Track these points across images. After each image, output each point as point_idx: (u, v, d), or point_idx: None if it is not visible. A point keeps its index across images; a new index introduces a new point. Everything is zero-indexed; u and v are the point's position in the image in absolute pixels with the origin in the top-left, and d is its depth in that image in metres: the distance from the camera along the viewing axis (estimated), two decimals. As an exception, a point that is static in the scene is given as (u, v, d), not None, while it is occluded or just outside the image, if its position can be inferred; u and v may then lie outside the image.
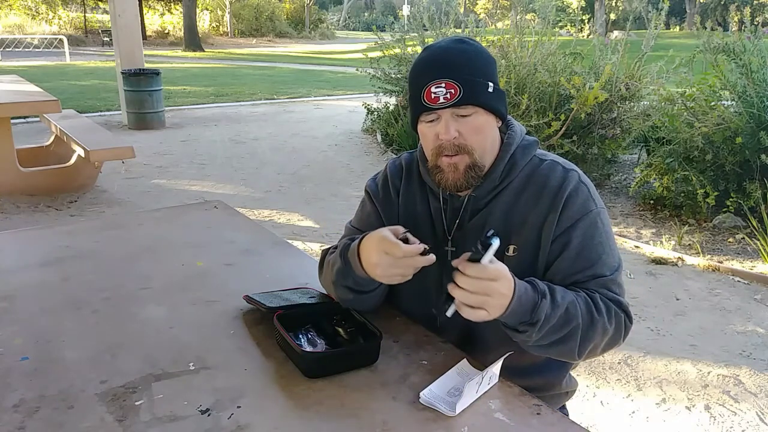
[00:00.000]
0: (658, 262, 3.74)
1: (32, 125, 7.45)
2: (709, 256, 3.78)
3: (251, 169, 5.95)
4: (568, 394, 1.30)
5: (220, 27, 32.29)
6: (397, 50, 6.85)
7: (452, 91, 1.08)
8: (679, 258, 3.77)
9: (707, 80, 4.49)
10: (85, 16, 28.58)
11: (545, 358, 1.21)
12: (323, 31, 35.04)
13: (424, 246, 1.05)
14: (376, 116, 7.63)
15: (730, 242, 3.99)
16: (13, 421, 0.93)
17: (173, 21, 29.52)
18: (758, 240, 3.73)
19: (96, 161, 4.63)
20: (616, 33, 16.61)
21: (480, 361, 1.09)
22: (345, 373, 1.06)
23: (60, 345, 1.15)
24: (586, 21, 29.47)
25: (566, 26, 20.66)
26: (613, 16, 33.90)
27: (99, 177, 5.18)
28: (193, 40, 23.99)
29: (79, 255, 1.59)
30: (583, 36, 19.40)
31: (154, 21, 29.89)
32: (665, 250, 3.86)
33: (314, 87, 12.91)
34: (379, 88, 7.04)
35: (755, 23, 4.58)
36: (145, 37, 21.68)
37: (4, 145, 4.59)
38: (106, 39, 23.63)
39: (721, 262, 3.67)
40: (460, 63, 1.09)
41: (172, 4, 29.28)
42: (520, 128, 1.22)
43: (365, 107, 7.79)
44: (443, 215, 1.21)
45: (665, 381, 2.51)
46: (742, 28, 4.71)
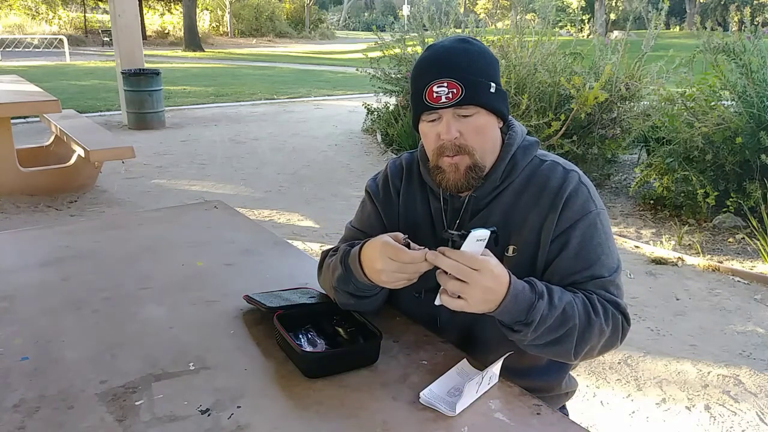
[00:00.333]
0: (658, 262, 3.74)
1: (32, 125, 7.45)
2: (709, 256, 3.78)
3: (251, 169, 5.95)
4: (568, 394, 1.30)
5: (220, 27, 32.30)
6: (397, 50, 6.85)
7: (454, 90, 1.07)
8: (679, 258, 3.77)
9: (707, 80, 4.49)
10: (85, 16, 28.59)
11: (545, 359, 1.21)
12: (323, 31, 35.05)
13: (428, 251, 1.04)
14: (376, 116, 7.63)
15: (730, 242, 3.99)
16: (13, 421, 0.93)
17: (173, 21, 29.53)
18: (758, 240, 3.73)
19: (96, 161, 4.64)
20: (616, 33, 16.61)
21: (480, 361, 1.09)
22: (345, 373, 1.06)
23: (60, 345, 1.15)
24: (586, 21, 29.48)
25: (566, 26, 20.67)
26: (613, 16, 33.90)
27: (99, 177, 5.18)
28: (193, 40, 23.99)
29: (79, 255, 1.59)
30: (583, 36, 19.41)
31: (154, 21, 29.89)
32: (665, 250, 3.87)
33: (314, 87, 12.91)
34: (379, 88, 7.04)
35: (755, 23, 4.58)
36: (145, 37, 21.68)
37: (4, 145, 4.60)
38: (106, 39, 23.64)
39: (721, 262, 3.67)
40: (462, 63, 1.09)
41: (172, 4, 29.29)
42: (521, 129, 1.22)
43: (365, 107, 7.80)
44: (443, 216, 1.21)
45: (665, 381, 2.51)
46: (742, 28, 4.71)
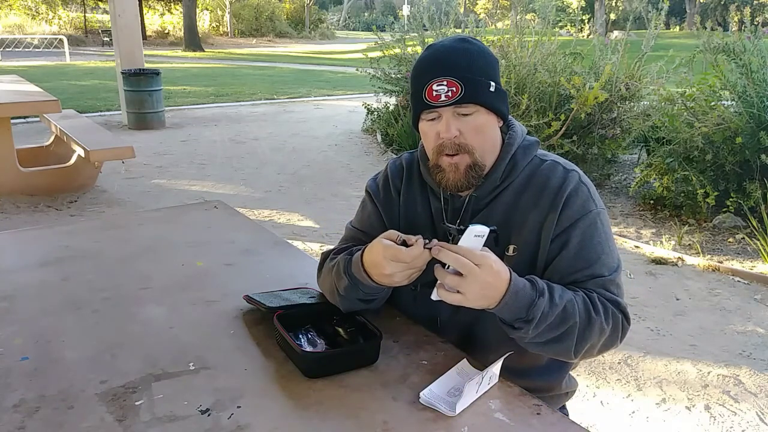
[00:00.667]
0: (658, 262, 3.74)
1: (32, 125, 7.45)
2: (709, 256, 3.78)
3: (251, 169, 5.95)
4: (568, 394, 1.30)
5: (220, 27, 32.29)
6: (397, 50, 6.85)
7: (454, 89, 1.08)
8: (679, 258, 3.77)
9: (707, 80, 4.49)
10: (85, 16, 28.58)
11: (545, 359, 1.21)
12: (323, 31, 35.04)
13: (424, 241, 1.03)
14: (376, 116, 7.63)
15: (730, 242, 3.99)
16: (13, 421, 0.93)
17: (173, 21, 29.53)
18: (758, 240, 3.73)
19: (96, 161, 4.63)
20: (616, 33, 16.61)
21: (480, 361, 1.09)
22: (345, 373, 1.06)
23: (60, 345, 1.15)
24: (586, 21, 29.48)
25: (566, 26, 20.67)
26: (613, 16, 33.90)
27: (99, 177, 5.18)
28: (193, 40, 23.99)
29: (79, 255, 1.59)
30: (583, 36, 19.41)
31: (154, 21, 29.89)
32: (665, 250, 3.86)
33: (314, 87, 12.91)
34: (379, 88, 7.04)
35: (755, 23, 4.58)
36: (145, 37, 21.68)
37: (4, 145, 4.60)
38: (106, 39, 23.63)
39: (721, 262, 3.67)
40: (462, 62, 1.10)
41: (172, 4, 29.28)
42: (521, 128, 1.22)
43: (365, 107, 7.79)
44: (444, 215, 1.21)
45: (665, 381, 2.51)
46: (742, 28, 4.71)
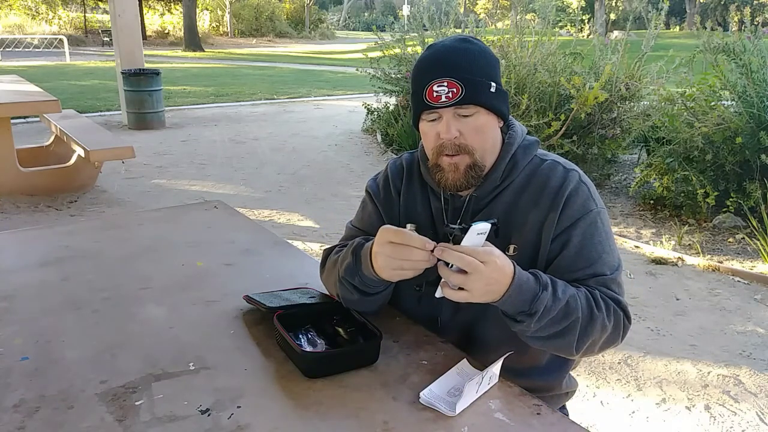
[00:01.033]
0: (658, 262, 3.74)
1: (32, 125, 7.45)
2: (709, 256, 3.78)
3: (251, 169, 5.95)
4: (568, 394, 1.30)
5: (220, 27, 32.29)
6: (397, 50, 6.85)
7: (454, 90, 1.08)
8: (679, 258, 3.77)
9: (707, 80, 4.49)
10: (85, 16, 28.58)
11: (545, 359, 1.21)
12: (323, 31, 35.04)
13: (427, 240, 1.02)
14: (376, 116, 7.63)
15: (730, 242, 3.99)
16: (13, 421, 0.93)
17: (173, 21, 29.53)
18: (758, 240, 3.73)
19: (96, 161, 4.63)
20: (616, 33, 16.60)
21: (480, 361, 1.09)
22: (345, 373, 1.06)
23: (60, 345, 1.15)
24: (586, 21, 29.47)
25: (566, 26, 20.67)
26: (613, 16, 33.90)
27: (99, 177, 5.18)
28: (193, 40, 23.99)
29: (79, 255, 1.59)
30: (583, 36, 19.40)
31: (154, 21, 29.89)
32: (665, 250, 3.86)
33: (314, 87, 12.91)
34: (379, 88, 7.04)
35: (755, 23, 4.58)
36: (145, 37, 21.69)
37: (4, 145, 4.60)
38: (106, 39, 23.63)
39: (721, 262, 3.67)
40: (462, 62, 1.09)
41: (172, 4, 29.28)
42: (521, 128, 1.22)
43: (365, 107, 7.79)
44: (444, 215, 1.21)
45: (665, 381, 2.51)
46: (742, 28, 4.71)
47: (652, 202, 4.66)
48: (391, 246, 1.03)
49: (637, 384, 2.48)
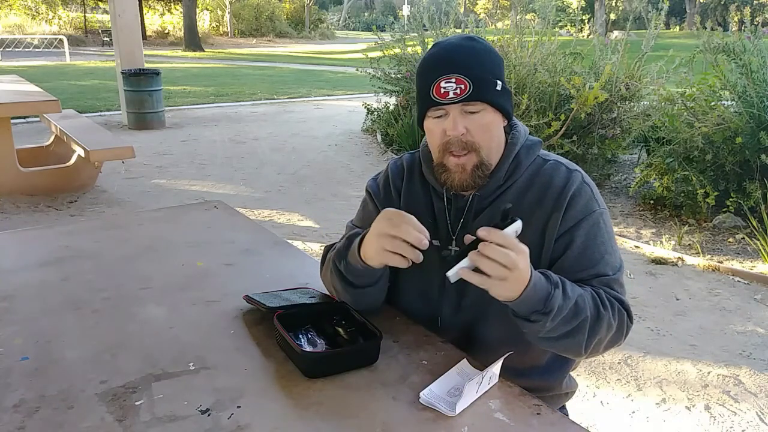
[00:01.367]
0: (658, 262, 3.74)
1: (32, 125, 7.45)
2: (709, 256, 3.78)
3: (251, 169, 5.95)
4: (568, 394, 1.30)
5: (220, 27, 32.29)
6: (397, 50, 6.85)
7: (462, 86, 1.08)
8: (679, 258, 3.77)
9: (707, 80, 4.49)
10: (85, 16, 28.58)
11: (546, 360, 1.21)
12: (323, 31, 35.04)
13: (432, 241, 1.04)
14: (376, 116, 7.63)
15: (730, 242, 3.99)
16: (13, 421, 0.93)
17: (173, 21, 29.52)
18: (758, 240, 3.73)
19: (96, 161, 4.64)
20: (616, 33, 16.61)
21: (480, 361, 1.09)
22: (345, 373, 1.06)
23: (60, 345, 1.15)
24: (586, 21, 29.48)
25: (566, 26, 20.68)
26: (613, 16, 33.90)
27: (99, 177, 5.18)
28: (193, 40, 23.99)
29: (79, 255, 1.59)
30: (583, 36, 19.40)
31: (154, 21, 29.88)
32: (665, 250, 3.86)
33: (314, 87, 12.91)
34: (379, 88, 7.04)
35: (755, 23, 4.58)
36: (145, 37, 21.68)
37: (4, 145, 4.60)
38: (106, 39, 23.63)
39: (721, 262, 3.67)
40: (470, 60, 1.10)
41: (172, 4, 29.28)
42: (523, 128, 1.22)
43: (365, 107, 7.79)
44: (447, 215, 1.21)
45: (665, 381, 2.51)
46: (742, 28, 4.71)
47: (652, 202, 4.66)
48: (385, 223, 1.05)
49: (637, 384, 2.48)
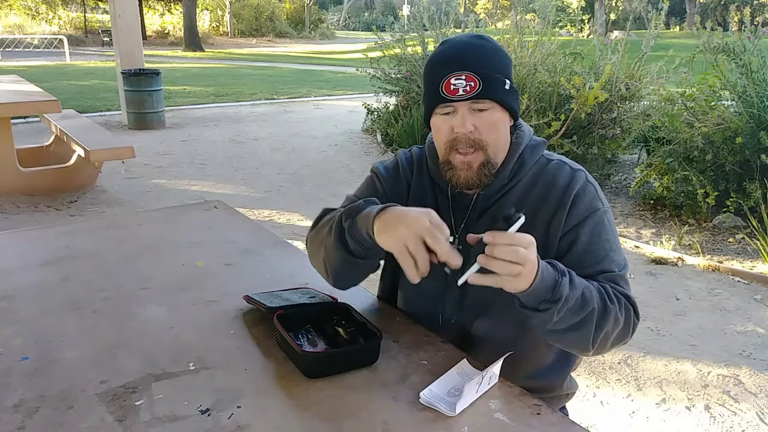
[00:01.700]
0: (658, 262, 3.74)
1: (32, 125, 7.45)
2: (709, 256, 3.78)
3: (251, 169, 5.95)
4: (568, 395, 1.30)
5: (220, 27, 32.28)
6: (397, 50, 6.85)
7: (472, 84, 1.07)
8: (679, 258, 3.77)
9: (707, 80, 4.49)
10: (85, 16, 28.58)
11: (549, 360, 1.21)
12: (323, 31, 35.03)
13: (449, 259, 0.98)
14: (376, 116, 7.63)
15: (730, 242, 3.99)
16: (13, 421, 0.93)
17: (173, 21, 29.52)
18: (758, 240, 3.73)
19: (96, 161, 4.63)
20: (616, 33, 16.61)
21: (480, 361, 1.09)
22: (345, 373, 1.06)
23: (60, 345, 1.15)
24: (586, 21, 29.50)
25: (566, 26, 20.69)
26: (613, 16, 33.90)
27: (99, 177, 5.18)
28: (193, 40, 23.98)
29: (79, 255, 1.59)
30: (583, 36, 19.41)
31: (154, 21, 29.88)
32: (665, 250, 3.86)
33: (314, 87, 12.91)
34: (379, 88, 7.04)
35: (755, 23, 4.58)
36: (145, 37, 21.68)
37: (4, 145, 4.59)
38: (106, 39, 23.63)
39: (721, 262, 3.67)
40: (480, 58, 1.10)
41: (172, 4, 29.28)
42: (528, 128, 1.23)
43: (365, 107, 7.80)
44: (451, 213, 1.21)
45: (665, 381, 2.51)
46: (742, 28, 4.71)
47: (652, 202, 4.66)
48: (431, 227, 0.98)
49: (637, 384, 2.48)
